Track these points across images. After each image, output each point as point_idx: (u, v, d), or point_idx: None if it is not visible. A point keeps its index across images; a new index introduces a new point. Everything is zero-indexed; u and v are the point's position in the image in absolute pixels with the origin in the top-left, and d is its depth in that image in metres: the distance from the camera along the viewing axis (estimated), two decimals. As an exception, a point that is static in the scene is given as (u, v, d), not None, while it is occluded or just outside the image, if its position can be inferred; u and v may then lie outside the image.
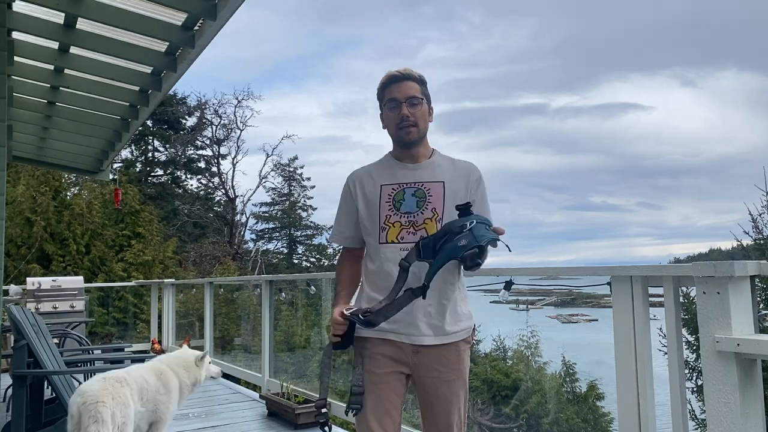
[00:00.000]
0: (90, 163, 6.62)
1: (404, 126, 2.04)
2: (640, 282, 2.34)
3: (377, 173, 2.11)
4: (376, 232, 2.03)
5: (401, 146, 2.10)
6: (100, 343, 10.26)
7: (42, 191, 13.64)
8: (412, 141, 2.06)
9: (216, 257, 21.02)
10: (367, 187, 2.09)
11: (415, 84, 2.06)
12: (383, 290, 1.99)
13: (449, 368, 2.02)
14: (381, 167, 2.13)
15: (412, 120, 2.03)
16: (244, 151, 25.35)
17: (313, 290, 10.92)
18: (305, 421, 4.44)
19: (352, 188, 2.12)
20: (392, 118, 2.06)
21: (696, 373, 6.32)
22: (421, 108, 2.06)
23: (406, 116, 2.03)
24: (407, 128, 2.04)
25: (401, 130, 2.04)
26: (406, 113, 2.02)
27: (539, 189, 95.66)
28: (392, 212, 2.03)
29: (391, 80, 2.06)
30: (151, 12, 3.38)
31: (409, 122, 2.03)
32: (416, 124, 2.04)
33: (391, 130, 2.09)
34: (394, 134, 2.08)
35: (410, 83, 2.05)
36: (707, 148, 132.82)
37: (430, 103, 2.11)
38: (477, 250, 1.79)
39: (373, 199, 2.06)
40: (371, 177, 2.11)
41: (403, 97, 2.03)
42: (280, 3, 69.00)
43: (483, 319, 12.73)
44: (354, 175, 2.16)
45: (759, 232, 7.80)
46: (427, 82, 2.11)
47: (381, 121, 2.13)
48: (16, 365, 3.30)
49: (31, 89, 4.57)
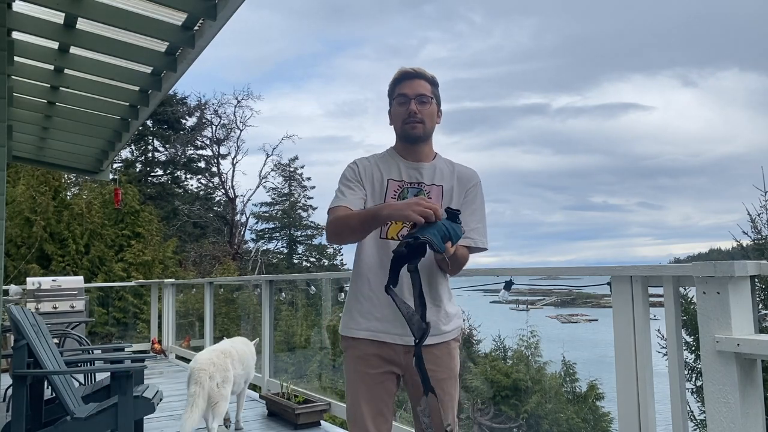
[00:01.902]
0: (90, 163, 6.61)
1: (411, 121, 2.03)
2: (640, 282, 2.34)
3: (384, 167, 2.09)
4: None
5: (406, 141, 2.09)
6: (100, 343, 10.26)
7: (42, 191, 13.64)
8: (417, 136, 2.05)
9: (216, 257, 21.02)
10: (375, 176, 2.07)
11: (426, 83, 2.06)
12: (378, 287, 1.98)
13: (441, 367, 2.02)
14: (386, 161, 2.11)
15: (419, 117, 2.03)
16: (244, 151, 25.41)
17: (313, 290, 10.91)
18: (305, 421, 4.45)
19: (362, 171, 2.07)
20: (400, 114, 2.05)
21: (695, 374, 6.32)
22: (430, 107, 2.05)
23: (414, 112, 2.02)
24: (413, 123, 2.03)
25: (407, 125, 2.04)
26: (414, 109, 2.02)
27: (540, 189, 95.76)
28: None
29: (403, 77, 2.06)
30: (151, 12, 3.37)
31: (416, 119, 2.03)
32: (423, 121, 2.04)
33: (398, 126, 2.08)
34: (400, 129, 2.08)
35: (422, 81, 2.05)
36: (708, 148, 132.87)
37: (439, 104, 2.11)
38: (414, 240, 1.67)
39: (380, 192, 2.05)
40: (378, 168, 2.09)
41: (412, 94, 2.03)
42: (282, 3, 69.01)
43: (483, 319, 12.72)
44: (362, 161, 2.11)
45: (758, 232, 7.80)
46: (439, 84, 2.11)
47: (389, 117, 2.12)
48: (16, 365, 3.30)
49: (31, 89, 4.57)
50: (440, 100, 2.11)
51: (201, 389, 3.96)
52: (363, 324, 2.02)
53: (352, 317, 2.06)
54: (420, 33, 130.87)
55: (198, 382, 3.99)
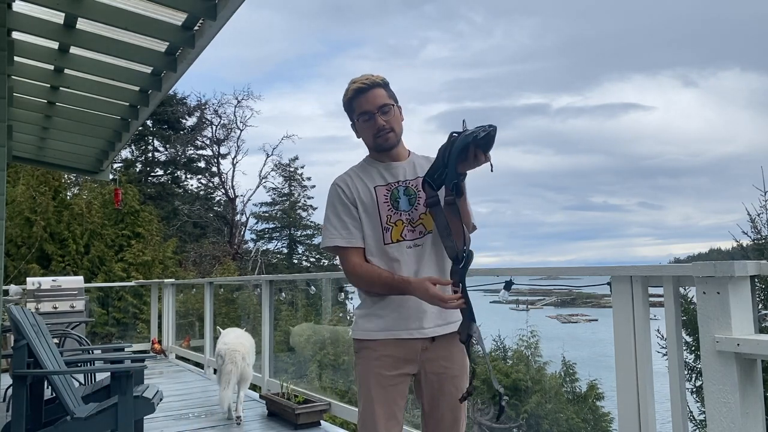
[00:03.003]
0: (90, 163, 6.61)
1: (381, 135, 2.05)
2: (640, 282, 2.34)
3: (366, 176, 2.10)
4: (380, 234, 2.02)
5: (381, 152, 2.11)
6: (100, 343, 10.25)
7: (42, 191, 13.64)
8: (391, 145, 2.08)
9: (216, 257, 21.01)
10: (362, 190, 2.08)
11: (381, 90, 2.06)
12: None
13: (455, 363, 2.04)
14: (365, 170, 2.12)
15: (388, 127, 2.05)
16: (244, 151, 25.37)
17: (313, 290, 10.90)
18: (305, 421, 4.45)
19: (347, 191, 2.07)
20: (368, 130, 2.07)
21: (695, 374, 6.31)
22: (393, 113, 2.07)
23: (382, 125, 2.04)
24: (385, 135, 2.05)
25: (379, 138, 2.06)
26: (381, 123, 2.04)
27: (540, 189, 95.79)
28: (392, 212, 2.04)
29: (357, 92, 2.05)
30: (151, 12, 3.37)
31: (386, 130, 2.05)
32: (393, 129, 2.06)
33: (369, 141, 2.10)
34: (372, 144, 2.10)
35: (377, 91, 2.05)
36: (709, 148, 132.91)
37: (398, 103, 2.11)
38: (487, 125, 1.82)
39: (370, 202, 2.05)
40: (361, 180, 2.09)
41: (374, 108, 2.03)
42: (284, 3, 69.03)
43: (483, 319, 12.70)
44: (343, 179, 2.12)
45: (757, 232, 7.80)
46: (389, 82, 2.11)
47: (354, 132, 2.13)
48: (16, 365, 3.30)
49: (31, 89, 4.57)
50: (397, 98, 2.11)
51: (235, 368, 4.47)
52: (378, 325, 2.02)
53: (368, 320, 2.06)
54: (421, 33, 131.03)
55: (233, 361, 4.47)
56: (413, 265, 2.00)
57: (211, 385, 6.23)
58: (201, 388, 6.21)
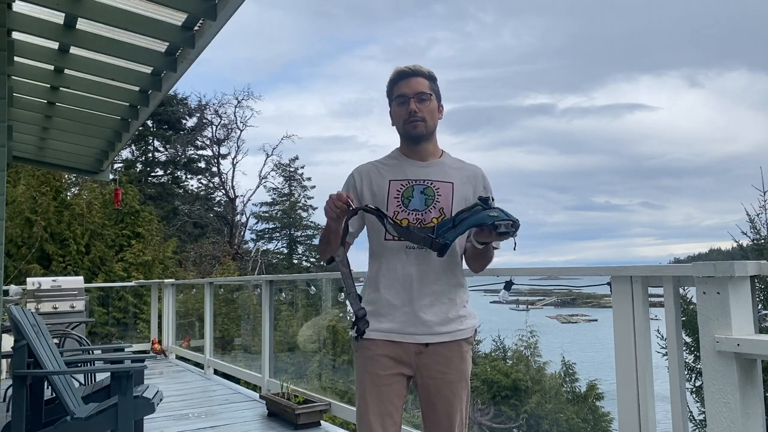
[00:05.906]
0: (90, 164, 6.61)
1: (412, 120, 2.03)
2: (640, 282, 2.34)
3: (385, 168, 2.09)
4: (383, 229, 2.00)
5: (409, 141, 2.08)
6: (100, 343, 10.26)
7: (42, 191, 13.64)
8: (419, 134, 2.05)
9: (216, 257, 21.00)
10: (375, 181, 2.06)
11: (424, 80, 2.05)
12: (388, 288, 1.99)
13: (452, 369, 2.02)
14: (389, 163, 2.11)
15: (420, 115, 2.03)
16: (244, 151, 25.40)
17: (313, 290, 10.89)
18: (305, 421, 4.44)
19: (358, 182, 2.08)
20: (401, 114, 2.05)
21: (695, 374, 6.31)
22: (430, 104, 2.05)
23: (414, 111, 2.02)
24: (415, 122, 2.03)
25: (408, 124, 2.04)
26: (414, 108, 2.02)
27: (543, 189, 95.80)
28: (400, 209, 2.01)
29: (400, 76, 2.05)
30: (151, 12, 3.37)
31: (417, 117, 2.02)
32: (424, 119, 2.03)
33: (399, 126, 2.08)
34: (402, 129, 2.08)
35: (419, 79, 2.04)
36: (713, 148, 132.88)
37: (440, 100, 2.10)
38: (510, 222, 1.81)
39: (381, 194, 2.03)
40: (379, 172, 2.08)
41: (411, 93, 2.02)
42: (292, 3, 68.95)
43: (483, 319, 12.71)
44: (360, 169, 2.12)
45: (757, 233, 7.79)
46: (437, 78, 2.09)
47: (390, 118, 2.12)
48: (16, 365, 3.30)
49: (31, 89, 4.57)
50: (440, 96, 2.10)
51: None
52: (375, 326, 2.02)
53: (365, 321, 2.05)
54: (428, 33, 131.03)
55: None
56: (413, 267, 1.99)
57: (211, 385, 6.23)
58: (201, 388, 6.21)
